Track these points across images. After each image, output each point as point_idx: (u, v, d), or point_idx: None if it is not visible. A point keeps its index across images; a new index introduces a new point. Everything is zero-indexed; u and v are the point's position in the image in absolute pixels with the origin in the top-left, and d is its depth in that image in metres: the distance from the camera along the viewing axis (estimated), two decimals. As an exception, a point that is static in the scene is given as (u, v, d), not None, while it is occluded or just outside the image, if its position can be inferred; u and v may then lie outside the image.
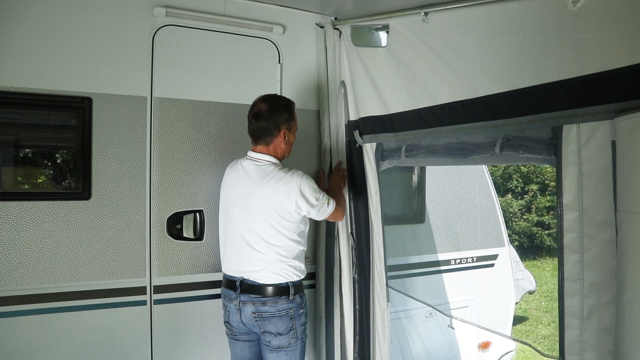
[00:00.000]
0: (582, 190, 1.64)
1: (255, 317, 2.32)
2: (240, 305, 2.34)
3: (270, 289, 2.30)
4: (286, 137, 2.39)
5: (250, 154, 2.40)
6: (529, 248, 11.39)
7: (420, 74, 2.37)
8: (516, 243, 10.87)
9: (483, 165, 4.08)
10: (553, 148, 1.74)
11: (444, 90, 2.20)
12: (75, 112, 2.39)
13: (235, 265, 2.39)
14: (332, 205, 2.42)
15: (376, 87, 2.67)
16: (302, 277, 2.40)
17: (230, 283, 2.39)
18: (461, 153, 2.17)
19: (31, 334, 2.32)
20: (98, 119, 2.41)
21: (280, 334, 2.31)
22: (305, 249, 2.45)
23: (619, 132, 1.49)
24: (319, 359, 2.95)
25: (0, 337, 2.28)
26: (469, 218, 4.00)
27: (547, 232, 11.33)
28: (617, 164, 1.50)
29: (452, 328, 3.53)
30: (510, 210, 11.57)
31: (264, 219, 2.28)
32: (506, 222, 4.73)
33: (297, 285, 2.36)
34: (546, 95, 1.74)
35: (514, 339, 4.59)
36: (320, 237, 2.94)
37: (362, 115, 2.79)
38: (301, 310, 2.37)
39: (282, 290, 2.31)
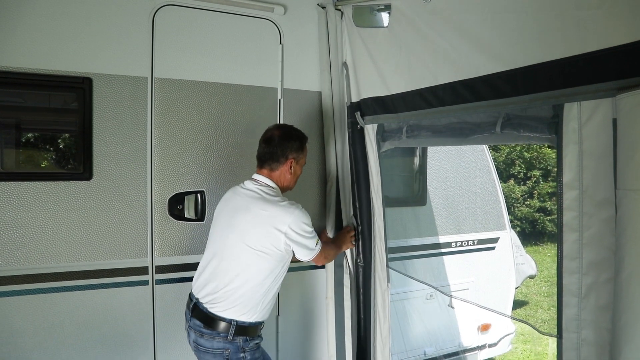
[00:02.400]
0: (582, 169, 1.63)
1: (194, 347, 2.24)
2: (189, 329, 2.27)
3: (212, 321, 2.16)
4: (292, 168, 2.33)
5: (254, 175, 2.34)
6: (531, 234, 11.43)
7: (421, 53, 2.35)
8: (518, 229, 10.90)
9: (484, 146, 4.07)
10: (554, 127, 1.72)
11: (445, 70, 2.18)
12: (75, 92, 2.39)
13: (199, 279, 2.27)
14: (318, 249, 2.30)
15: (378, 68, 2.65)
16: (255, 321, 2.20)
17: (188, 303, 2.31)
18: (462, 133, 2.16)
19: (35, 313, 2.36)
20: (99, 99, 2.41)
21: None
22: (274, 296, 2.29)
23: (620, 109, 1.48)
24: (328, 340, 2.97)
25: (4, 315, 2.31)
26: (470, 200, 4.00)
27: (548, 218, 11.35)
28: (618, 142, 1.49)
29: (452, 307, 3.55)
30: (512, 196, 11.58)
31: (244, 235, 2.16)
32: (508, 208, 4.73)
33: (243, 327, 2.17)
34: (548, 73, 1.71)
35: (513, 318, 4.62)
36: (330, 215, 2.95)
37: (364, 97, 2.77)
38: (241, 355, 2.16)
39: (222, 326, 2.15)
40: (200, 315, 2.20)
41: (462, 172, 3.99)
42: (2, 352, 2.31)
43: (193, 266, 2.60)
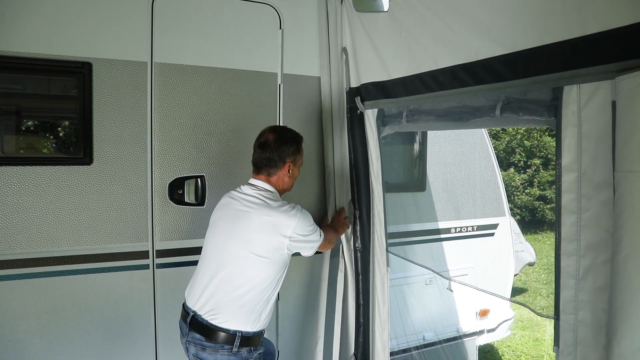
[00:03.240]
0: (581, 151, 1.64)
1: None
2: (187, 344, 2.17)
3: (214, 333, 2.09)
4: (290, 171, 2.27)
5: (251, 180, 2.28)
6: (531, 222, 11.45)
7: (422, 38, 2.34)
8: (518, 217, 10.92)
9: (483, 132, 4.06)
10: (553, 109, 1.73)
11: (445, 54, 2.17)
12: (75, 77, 2.39)
13: (195, 289, 2.20)
14: (322, 238, 2.29)
15: (378, 53, 2.64)
16: (258, 330, 2.16)
17: (184, 315, 2.22)
18: (462, 117, 2.16)
19: (37, 297, 2.38)
20: (98, 84, 2.41)
21: None
22: (274, 304, 2.26)
23: (619, 91, 1.48)
24: (318, 321, 3.00)
25: (7, 299, 2.33)
26: (470, 185, 4.00)
27: (548, 206, 11.37)
28: (617, 124, 1.49)
29: (451, 290, 3.58)
30: (512, 184, 11.59)
31: (247, 242, 2.11)
32: (508, 196, 4.73)
33: (247, 338, 2.11)
34: (548, 56, 1.71)
35: (510, 300, 4.65)
36: (330, 201, 2.96)
37: (364, 82, 2.77)
38: None
39: (226, 338, 2.08)
40: (200, 328, 2.11)
41: (462, 157, 3.99)
42: (4, 335, 2.33)
43: (193, 250, 2.63)
